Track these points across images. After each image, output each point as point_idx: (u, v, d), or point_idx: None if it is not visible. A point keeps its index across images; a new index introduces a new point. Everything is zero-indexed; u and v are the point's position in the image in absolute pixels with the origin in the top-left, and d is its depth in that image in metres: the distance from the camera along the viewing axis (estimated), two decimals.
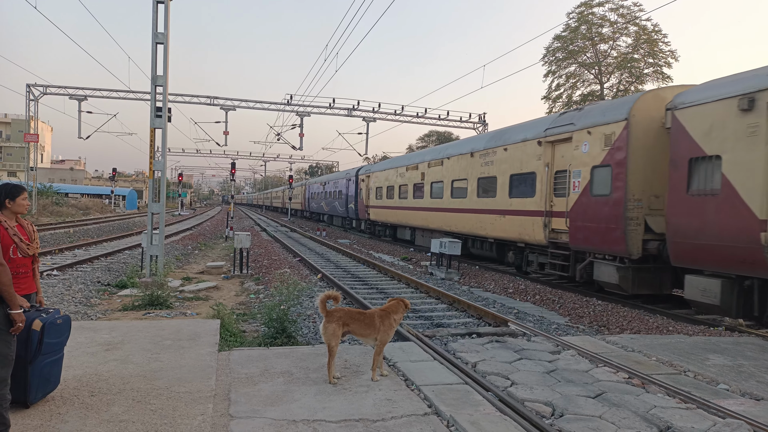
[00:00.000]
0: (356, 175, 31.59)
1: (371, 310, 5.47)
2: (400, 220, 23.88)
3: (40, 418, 3.99)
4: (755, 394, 5.30)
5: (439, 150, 20.87)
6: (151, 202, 12.46)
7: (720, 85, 9.15)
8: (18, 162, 70.75)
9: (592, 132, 11.70)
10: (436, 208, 19.66)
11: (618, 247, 10.80)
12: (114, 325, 7.15)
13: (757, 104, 8.25)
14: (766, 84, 8.15)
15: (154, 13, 11.69)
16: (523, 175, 14.25)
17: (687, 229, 9.49)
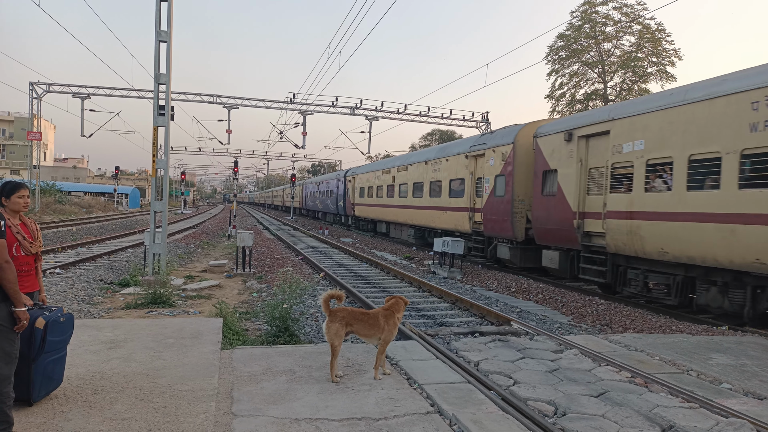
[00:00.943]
0: (344, 177, 35.07)
1: (374, 310, 5.47)
2: (378, 216, 28.00)
3: (43, 416, 4.00)
4: (758, 394, 5.28)
5: (405, 157, 25.23)
6: (154, 200, 12.48)
7: (557, 123, 13.51)
8: (21, 160, 70.95)
9: (495, 151, 15.92)
10: (403, 206, 23.72)
11: (509, 233, 15.08)
12: (117, 323, 7.17)
13: (573, 137, 12.50)
14: (577, 124, 12.46)
15: (157, 12, 11.70)
16: (458, 180, 18.35)
17: (541, 219, 13.63)
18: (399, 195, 24.23)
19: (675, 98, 9.92)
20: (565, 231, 12.56)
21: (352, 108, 35.08)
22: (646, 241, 10.28)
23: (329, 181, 40.41)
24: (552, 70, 41.70)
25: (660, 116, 10.12)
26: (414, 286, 12.88)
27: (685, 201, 9.47)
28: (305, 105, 34.13)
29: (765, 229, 8.00)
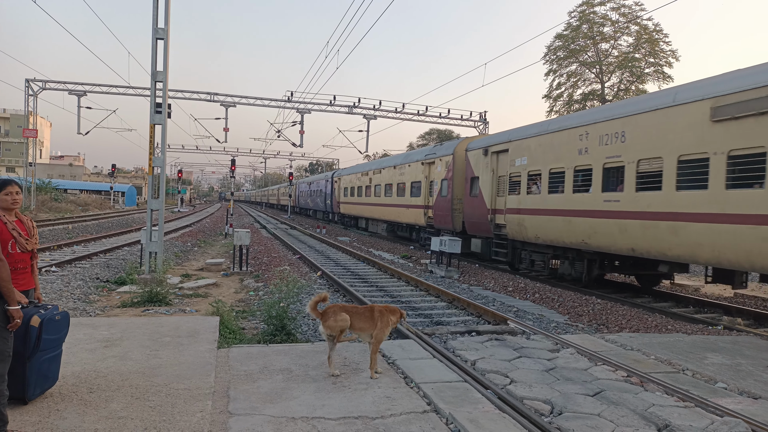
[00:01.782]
0: (332, 178, 38.70)
1: (368, 305, 5.50)
2: (359, 213, 31.74)
3: (38, 415, 3.99)
4: (753, 393, 5.30)
5: (379, 162, 29.51)
6: (151, 198, 12.44)
7: (480, 140, 17.54)
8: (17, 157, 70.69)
9: (442, 159, 19.65)
10: (377, 204, 27.60)
11: (450, 225, 18.79)
12: (113, 321, 7.15)
13: (488, 153, 16.27)
14: (491, 142, 16.17)
15: (155, 9, 11.67)
16: (417, 183, 22.16)
17: (469, 214, 17.59)
18: (374, 195, 28.19)
19: (542, 128, 13.86)
20: (483, 223, 16.55)
21: (349, 107, 35.04)
22: (528, 230, 14.05)
23: (319, 181, 43.98)
24: (550, 70, 41.76)
25: (535, 140, 14.00)
26: (411, 285, 12.89)
27: (546, 201, 13.30)
28: (303, 103, 34.08)
29: (585, 220, 11.88)
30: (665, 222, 9.77)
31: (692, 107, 9.38)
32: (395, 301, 10.85)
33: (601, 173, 11.46)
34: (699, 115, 9.21)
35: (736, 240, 8.50)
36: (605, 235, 11.24)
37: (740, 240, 8.43)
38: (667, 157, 9.83)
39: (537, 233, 13.57)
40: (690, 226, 9.29)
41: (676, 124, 9.69)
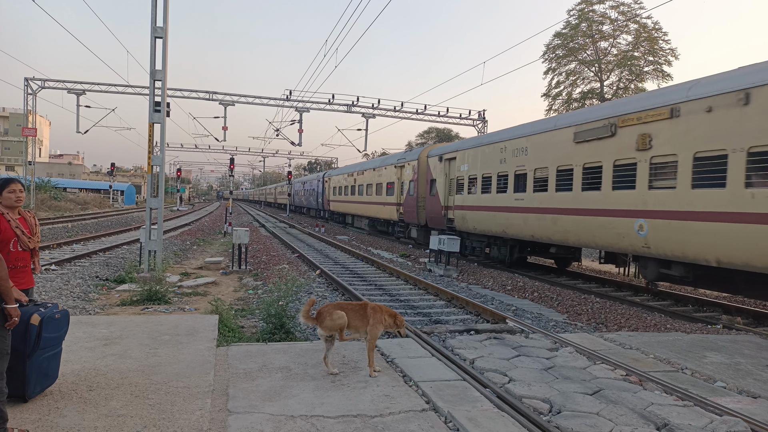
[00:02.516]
0: (323, 178, 41.97)
1: (363, 301, 5.51)
2: (346, 210, 34.94)
3: (38, 413, 3.99)
4: (752, 392, 5.31)
5: (363, 164, 32.83)
6: (150, 197, 12.44)
7: (436, 149, 20.57)
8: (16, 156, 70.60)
9: (410, 164, 22.98)
10: (361, 202, 30.88)
11: (415, 220, 22.28)
12: (112, 320, 7.15)
13: (442, 159, 19.31)
14: (444, 151, 19.31)
15: (153, 8, 11.65)
16: (391, 183, 25.37)
17: (429, 210, 20.58)
18: (358, 194, 31.41)
19: (478, 141, 17.60)
20: (439, 218, 19.70)
21: (348, 105, 35.02)
22: (469, 223, 17.46)
23: (312, 181, 47.49)
24: (549, 68, 41.71)
25: (473, 151, 17.47)
26: (410, 283, 12.89)
27: (480, 199, 16.75)
28: (302, 102, 34.06)
29: (504, 214, 15.18)
30: (549, 215, 13.22)
31: (564, 132, 12.77)
32: (393, 299, 10.86)
33: (513, 178, 14.96)
34: (568, 137, 12.59)
35: (587, 227, 11.95)
36: (516, 226, 14.77)
37: (589, 226, 11.87)
38: (550, 166, 13.24)
39: (475, 225, 17.18)
40: (562, 218, 12.73)
41: (555, 144, 13.09)
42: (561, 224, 12.67)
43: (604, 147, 11.46)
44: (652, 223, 10.21)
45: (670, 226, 9.81)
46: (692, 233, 9.36)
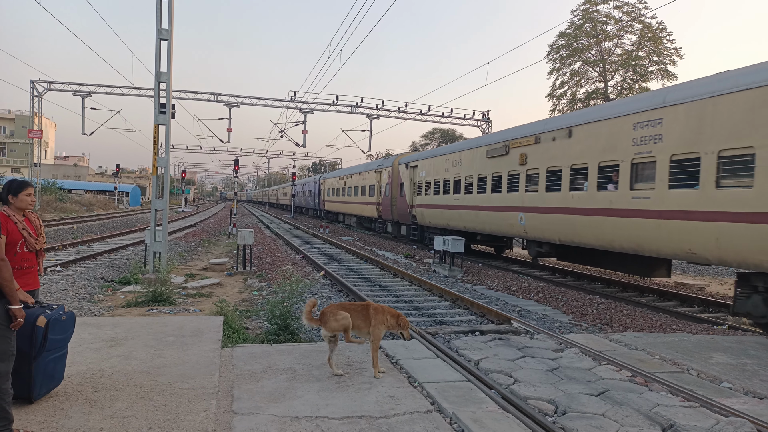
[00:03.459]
0: (319, 180, 46.83)
1: (365, 302, 5.51)
2: (338, 209, 39.72)
3: (44, 414, 4.01)
4: (759, 393, 5.28)
5: (350, 169, 37.05)
6: (155, 198, 12.48)
7: (405, 158, 24.94)
8: (22, 158, 70.95)
9: (386, 170, 27.31)
10: (350, 202, 35.32)
11: (390, 217, 26.37)
12: (117, 321, 7.17)
13: (408, 166, 23.64)
14: (409, 160, 23.76)
15: (158, 10, 11.70)
16: (372, 186, 29.56)
17: (399, 208, 24.61)
18: (347, 195, 35.83)
19: (432, 153, 22.23)
20: (406, 215, 23.92)
21: (352, 106, 35.05)
22: (427, 218, 21.79)
23: (309, 183, 52.01)
24: (553, 68, 41.66)
25: (428, 161, 21.93)
26: (414, 284, 12.88)
27: (433, 199, 21.02)
28: (306, 103, 34.11)
29: (448, 211, 19.30)
30: (473, 211, 17.56)
31: (481, 150, 17.22)
32: (398, 300, 10.85)
33: (453, 183, 19.25)
34: (483, 154, 17.04)
35: (494, 219, 16.28)
36: (455, 220, 19.02)
37: (495, 219, 16.18)
38: (474, 174, 17.68)
39: (430, 220, 21.59)
40: (481, 213, 17.06)
41: (476, 158, 17.48)
42: (480, 218, 17.23)
43: (503, 162, 15.83)
44: (527, 215, 14.49)
45: (535, 217, 14.08)
46: (546, 222, 13.57)
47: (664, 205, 9.91)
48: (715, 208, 8.91)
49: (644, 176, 10.58)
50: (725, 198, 8.71)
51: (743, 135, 8.43)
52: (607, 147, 11.43)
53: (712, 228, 8.94)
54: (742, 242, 8.46)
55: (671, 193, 9.78)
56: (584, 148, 12.19)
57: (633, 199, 10.68)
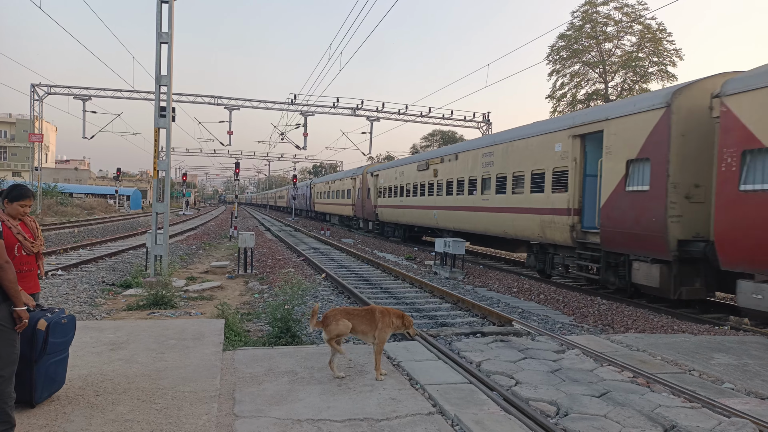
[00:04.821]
0: (310, 185, 54.55)
1: (370, 306, 5.50)
2: (325, 210, 46.12)
3: (45, 418, 4.01)
4: (761, 393, 5.27)
5: (334, 175, 44.88)
6: (156, 201, 12.49)
7: (373, 167, 32.61)
8: (23, 162, 71.01)
9: (358, 177, 33.86)
10: (333, 203, 42.07)
11: (361, 215, 33.67)
12: (119, 324, 7.18)
13: (373, 175, 31.40)
14: (375, 169, 31.48)
15: (159, 13, 11.72)
16: (349, 190, 36.27)
17: (367, 209, 32.12)
18: (331, 197, 42.64)
19: (388, 165, 29.30)
20: (371, 213, 30.60)
21: (353, 109, 35.11)
22: (385, 215, 28.40)
23: (303, 187, 59.27)
24: (553, 70, 41.68)
25: (384, 171, 29.02)
26: (415, 286, 12.88)
27: (388, 201, 28.02)
28: (306, 106, 34.16)
29: (399, 209, 26.42)
30: (410, 209, 24.49)
31: (413, 165, 24.44)
32: (399, 302, 10.85)
33: (399, 189, 26.42)
34: (414, 168, 24.23)
35: (421, 216, 23.17)
36: (403, 216, 25.83)
37: (422, 215, 23.12)
38: (410, 183, 24.67)
39: (387, 217, 28.53)
40: (414, 211, 23.87)
41: (411, 171, 24.60)
42: (414, 214, 24.12)
43: (425, 174, 22.93)
44: (437, 212, 21.40)
45: (441, 213, 20.92)
46: (447, 216, 20.33)
47: (493, 204, 16.81)
48: (511, 205, 15.77)
49: (486, 186, 17.44)
50: (515, 199, 15.55)
51: (522, 163, 15.26)
52: (472, 167, 18.40)
53: (511, 216, 15.71)
54: (522, 224, 15.09)
55: (496, 197, 16.61)
56: (462, 167, 19.27)
57: (482, 200, 17.57)
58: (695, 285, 10.28)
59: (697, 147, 10.05)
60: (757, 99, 8.48)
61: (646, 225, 10.58)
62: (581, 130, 12.80)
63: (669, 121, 10.13)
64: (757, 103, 8.48)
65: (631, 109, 11.27)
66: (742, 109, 8.76)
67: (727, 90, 9.01)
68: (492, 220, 16.66)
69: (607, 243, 11.68)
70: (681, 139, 10.10)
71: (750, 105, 8.62)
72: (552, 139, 13.86)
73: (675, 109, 10.11)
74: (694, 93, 10.17)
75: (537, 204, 14.29)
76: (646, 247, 10.65)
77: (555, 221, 13.49)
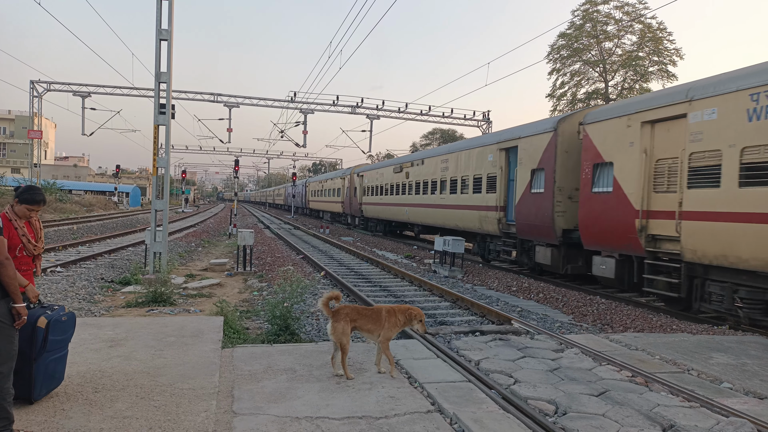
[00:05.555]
0: (305, 184, 58.21)
1: (378, 306, 5.48)
2: (319, 207, 49.59)
3: (44, 414, 4.01)
4: (759, 393, 5.28)
5: (327, 175, 48.28)
6: (155, 199, 12.48)
7: (358, 169, 35.79)
8: (22, 159, 70.96)
9: (347, 177, 37.57)
10: (326, 201, 45.37)
11: (349, 211, 37.09)
12: (117, 321, 7.18)
13: (359, 176, 34.20)
14: (360, 170, 34.50)
15: (158, 10, 11.70)
16: (339, 189, 39.71)
17: (353, 205, 35.49)
18: (323, 195, 46.07)
19: (372, 167, 32.25)
20: (357, 209, 33.73)
21: (353, 107, 35.08)
22: (369, 212, 31.42)
23: (298, 186, 62.41)
24: (553, 69, 41.67)
25: (368, 173, 31.95)
26: (415, 285, 12.88)
27: (371, 198, 30.92)
28: (306, 104, 34.14)
29: (381, 207, 29.33)
30: (388, 206, 27.45)
31: (390, 168, 27.62)
32: (398, 300, 10.85)
33: (379, 188, 29.18)
34: (391, 171, 27.44)
35: (397, 212, 26.22)
36: (382, 213, 28.83)
37: (396, 211, 26.32)
38: (389, 183, 27.49)
39: (370, 214, 31.35)
40: (392, 208, 26.89)
41: (389, 172, 27.61)
42: (391, 211, 27.01)
43: (399, 176, 25.91)
44: (408, 208, 24.50)
45: (412, 210, 23.95)
46: (416, 212, 23.45)
47: (448, 202, 20.01)
48: (460, 203, 18.88)
49: (444, 187, 20.58)
50: (463, 198, 18.73)
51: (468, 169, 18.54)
52: (434, 171, 21.64)
53: (460, 212, 18.83)
54: (468, 218, 18.24)
55: (450, 196, 19.81)
56: (427, 171, 22.41)
57: (440, 199, 20.82)
58: (578, 263, 13.40)
59: (575, 161, 13.07)
60: (601, 127, 11.82)
61: (542, 218, 13.77)
62: (505, 144, 16.08)
63: (556, 141, 13.41)
64: (602, 130, 11.78)
65: (533, 130, 14.54)
66: (594, 134, 12.05)
67: (586, 120, 12.37)
68: (448, 215, 20.06)
69: (520, 232, 15.03)
70: (564, 155, 13.34)
71: (597, 131, 11.94)
72: (487, 150, 17.19)
73: (560, 132, 13.38)
74: (572, 120, 13.38)
75: (477, 202, 17.59)
76: (543, 235, 13.92)
77: (488, 216, 16.71)
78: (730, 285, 8.88)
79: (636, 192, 10.66)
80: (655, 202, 10.43)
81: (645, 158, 10.55)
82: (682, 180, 9.67)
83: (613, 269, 11.42)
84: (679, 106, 9.80)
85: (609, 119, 11.56)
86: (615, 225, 11.17)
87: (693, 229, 9.37)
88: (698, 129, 9.37)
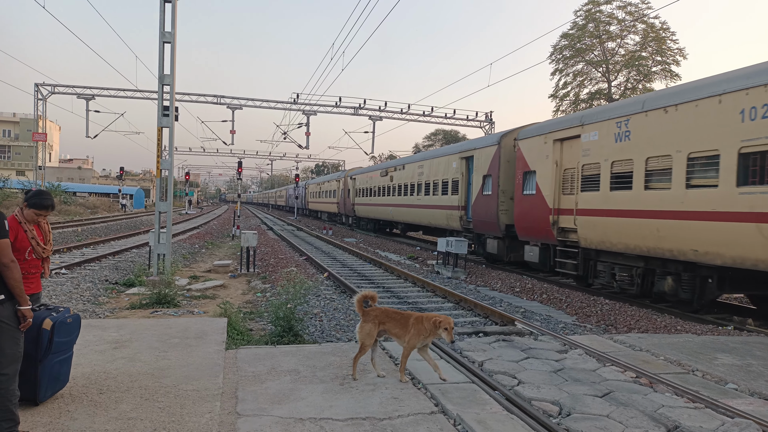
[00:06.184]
0: (304, 186, 62.44)
1: (409, 312, 5.43)
2: (317, 208, 53.43)
3: (49, 416, 4.02)
4: (764, 394, 5.26)
5: (324, 177, 52.56)
6: (159, 200, 12.51)
7: (351, 172, 39.60)
8: (26, 161, 71.20)
9: (341, 180, 40.61)
10: (323, 201, 48.80)
11: (344, 212, 40.27)
12: (122, 323, 7.19)
13: (352, 177, 37.81)
14: (352, 174, 38.65)
15: (162, 13, 11.74)
16: (335, 190, 42.98)
17: (348, 206, 38.54)
18: (321, 196, 50.13)
19: (361, 171, 36.13)
20: (351, 210, 37.15)
21: (355, 108, 35.09)
22: (360, 212, 34.96)
23: (298, 188, 65.74)
24: (556, 69, 41.58)
25: (359, 176, 35.21)
26: (418, 286, 12.88)
27: (362, 200, 34.12)
28: (309, 105, 34.16)
29: (374, 207, 31.57)
30: (377, 206, 30.40)
31: (378, 172, 30.51)
32: (402, 301, 10.85)
33: (369, 189, 31.88)
34: (379, 173, 30.06)
35: (384, 211, 29.01)
36: (372, 212, 31.66)
37: (384, 211, 29.02)
38: (377, 185, 30.07)
39: (361, 213, 34.17)
40: (380, 208, 29.81)
41: (377, 176, 30.48)
42: (379, 210, 29.41)
43: (385, 179, 28.35)
44: (392, 209, 27.09)
45: (395, 209, 26.64)
46: (399, 211, 26.29)
47: (423, 202, 22.93)
48: (432, 203, 21.89)
49: (420, 189, 23.55)
50: (435, 199, 21.63)
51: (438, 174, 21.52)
52: (412, 175, 24.66)
53: (432, 211, 21.89)
54: (438, 216, 21.23)
55: (425, 197, 22.78)
56: (407, 175, 25.37)
57: (417, 199, 23.73)
58: (519, 252, 15.57)
59: (514, 169, 15.86)
60: (528, 143, 14.79)
61: (490, 216, 16.71)
62: (465, 154, 19.19)
63: (499, 152, 16.51)
64: (529, 145, 14.77)
65: (485, 143, 17.87)
66: (524, 148, 15.05)
67: (519, 137, 15.50)
68: (423, 213, 23.25)
69: (476, 227, 18.08)
70: (506, 164, 16.37)
71: (526, 146, 14.93)
72: (452, 159, 20.43)
73: (503, 145, 16.46)
74: (511, 136, 16.38)
75: (445, 203, 20.63)
76: (491, 229, 16.90)
77: (453, 214, 19.77)
78: (609, 264, 11.79)
79: (550, 194, 13.49)
80: (563, 201, 13.25)
81: (556, 168, 13.47)
82: (578, 185, 12.54)
83: (537, 255, 14.24)
84: (575, 128, 12.63)
85: (533, 137, 14.53)
86: (537, 220, 14.00)
87: (584, 222, 12.23)
88: (587, 147, 12.22)
